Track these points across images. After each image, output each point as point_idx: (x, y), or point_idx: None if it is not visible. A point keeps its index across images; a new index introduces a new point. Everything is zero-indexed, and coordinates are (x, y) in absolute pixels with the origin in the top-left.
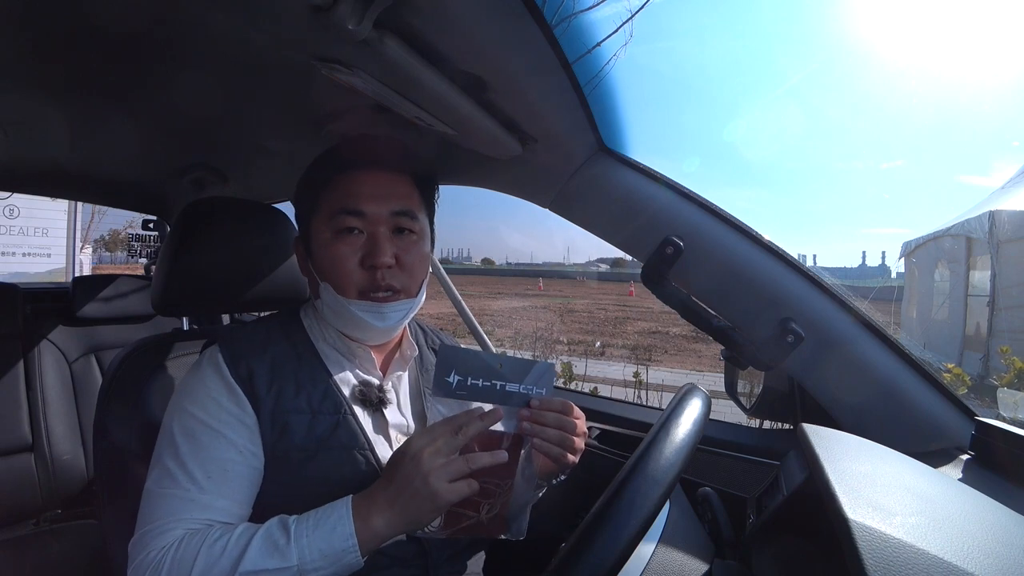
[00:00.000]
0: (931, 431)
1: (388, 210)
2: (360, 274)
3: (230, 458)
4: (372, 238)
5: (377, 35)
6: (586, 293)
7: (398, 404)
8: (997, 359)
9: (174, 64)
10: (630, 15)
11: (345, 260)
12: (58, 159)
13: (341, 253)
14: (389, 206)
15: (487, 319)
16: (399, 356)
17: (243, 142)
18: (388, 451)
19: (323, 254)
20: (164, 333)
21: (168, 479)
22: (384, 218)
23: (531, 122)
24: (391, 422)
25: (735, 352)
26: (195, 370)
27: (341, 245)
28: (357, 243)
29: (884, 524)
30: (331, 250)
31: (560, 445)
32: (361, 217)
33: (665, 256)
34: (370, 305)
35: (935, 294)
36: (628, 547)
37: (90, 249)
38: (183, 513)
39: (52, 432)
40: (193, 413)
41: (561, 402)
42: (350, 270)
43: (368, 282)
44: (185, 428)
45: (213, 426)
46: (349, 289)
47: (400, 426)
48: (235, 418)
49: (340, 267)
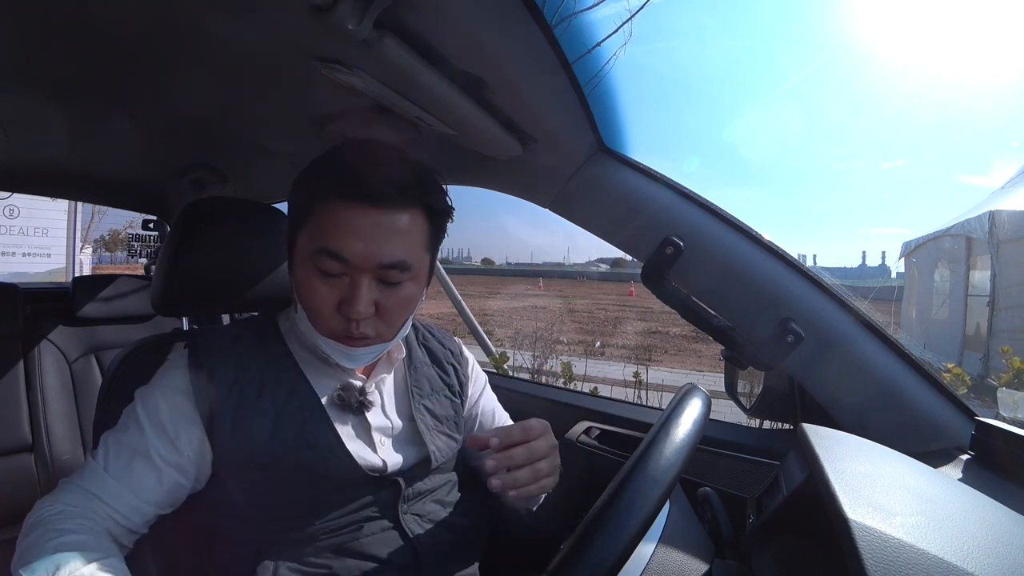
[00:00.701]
0: (931, 431)
1: (376, 263)
2: (335, 318)
3: (141, 453)
4: (353, 286)
5: (377, 35)
6: (586, 293)
7: (382, 406)
8: (997, 359)
9: (174, 64)
10: (630, 15)
11: (320, 301)
12: (58, 159)
13: (318, 293)
14: (379, 258)
15: (487, 319)
16: (385, 358)
17: (243, 142)
18: (371, 454)
19: (301, 282)
20: (164, 333)
21: (97, 449)
22: (369, 268)
23: (531, 122)
24: (374, 425)
25: (735, 352)
26: (160, 370)
27: (320, 284)
28: (336, 285)
29: (884, 524)
30: (308, 285)
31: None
32: (343, 263)
33: (665, 256)
34: (339, 345)
35: (935, 294)
36: (628, 547)
37: (90, 249)
38: (84, 480)
39: (52, 432)
40: (136, 406)
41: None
42: (325, 312)
43: (341, 328)
44: (126, 415)
45: (142, 423)
46: (321, 327)
47: (384, 428)
48: (168, 425)
49: (315, 306)
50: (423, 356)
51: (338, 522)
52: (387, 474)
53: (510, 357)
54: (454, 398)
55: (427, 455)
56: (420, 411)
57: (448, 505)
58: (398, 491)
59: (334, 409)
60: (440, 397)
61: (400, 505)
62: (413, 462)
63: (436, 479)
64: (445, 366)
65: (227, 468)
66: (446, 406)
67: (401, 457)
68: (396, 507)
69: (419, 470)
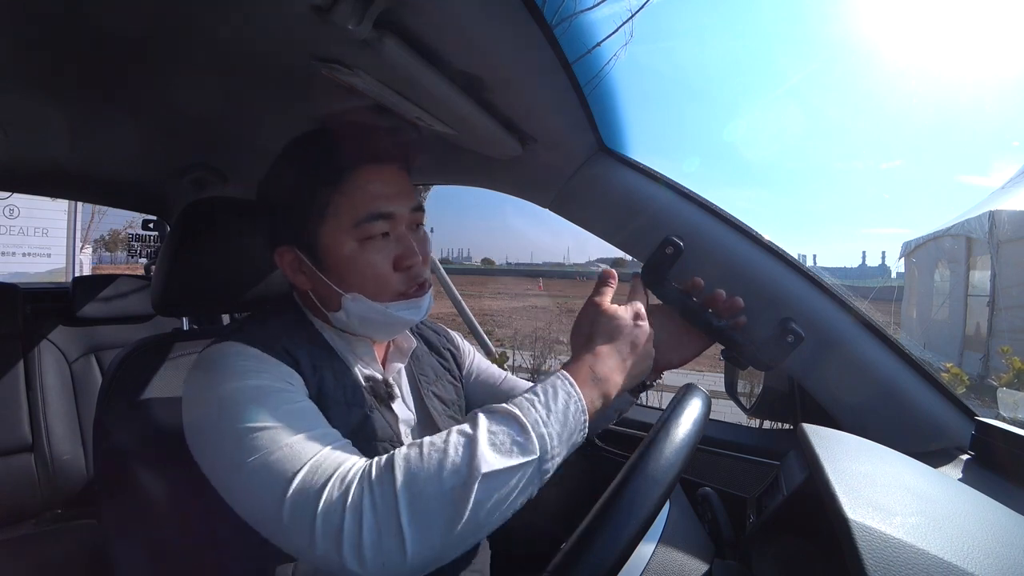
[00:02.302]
0: (931, 431)
1: (408, 207)
2: (395, 277)
3: (309, 407)
4: (401, 240)
5: (377, 35)
6: (586, 293)
7: (402, 398)
8: (997, 359)
9: (174, 64)
10: (630, 15)
11: (379, 266)
12: (58, 159)
13: (374, 261)
14: (409, 203)
15: (487, 319)
16: (395, 349)
17: (243, 142)
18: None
19: (347, 265)
20: (164, 333)
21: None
22: (406, 216)
23: (531, 122)
24: (400, 417)
25: (735, 352)
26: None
27: (373, 254)
28: (387, 247)
29: (884, 524)
30: (361, 260)
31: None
32: (391, 219)
33: (665, 256)
34: (408, 303)
35: (935, 294)
36: (628, 547)
37: (90, 249)
38: (322, 442)
39: (52, 432)
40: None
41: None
42: (386, 275)
43: (404, 283)
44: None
45: (275, 386)
46: (386, 293)
47: (407, 419)
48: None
49: (374, 274)
50: (421, 345)
51: None
52: None
53: (510, 357)
54: (455, 382)
55: None
56: (430, 398)
57: None
58: None
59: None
60: (444, 383)
61: None
62: None
63: None
64: (442, 352)
65: None
66: (450, 391)
67: None
68: None
69: None
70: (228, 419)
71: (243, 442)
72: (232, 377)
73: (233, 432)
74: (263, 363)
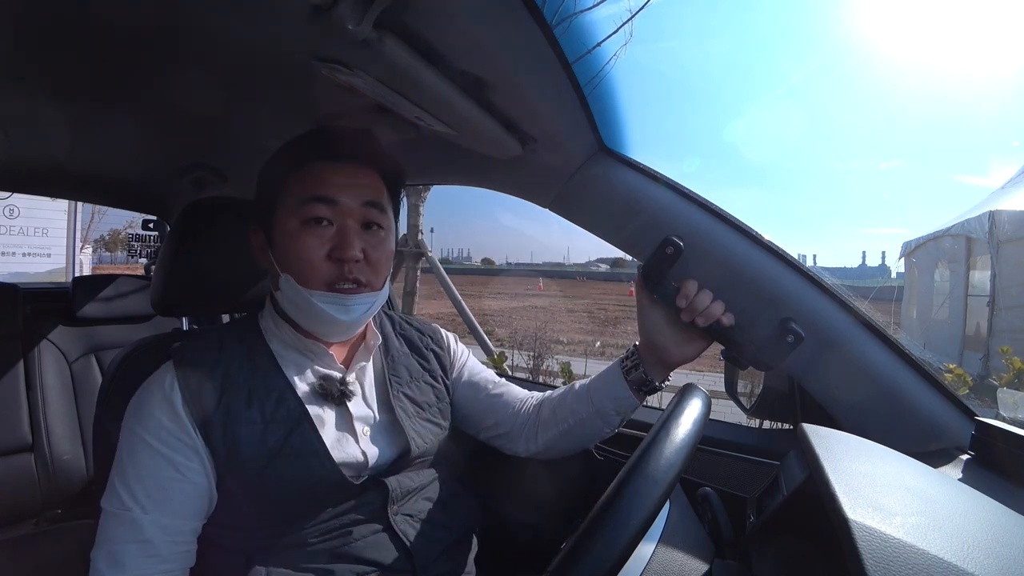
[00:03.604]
0: (931, 431)
1: (360, 201)
2: (326, 265)
3: (169, 476)
4: (341, 231)
5: (377, 35)
6: (586, 293)
7: (363, 395)
8: (997, 359)
9: (174, 64)
10: (630, 15)
11: (312, 251)
12: (58, 159)
13: (308, 244)
14: (361, 196)
15: (487, 319)
16: (363, 347)
17: (243, 142)
18: (353, 446)
19: (288, 244)
20: (164, 333)
21: (116, 499)
22: (355, 209)
23: (531, 122)
24: (355, 414)
25: (735, 352)
26: (145, 387)
27: (308, 236)
28: (325, 235)
29: (884, 524)
30: (298, 240)
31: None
32: (333, 206)
33: (665, 256)
34: (334, 297)
35: (935, 294)
36: (628, 547)
37: (90, 249)
38: (128, 535)
39: (52, 432)
40: (137, 433)
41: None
42: (317, 261)
43: (334, 274)
44: (131, 448)
45: (153, 445)
46: (314, 280)
47: (366, 418)
48: (175, 437)
49: (306, 257)
50: (400, 345)
51: (327, 526)
52: (371, 469)
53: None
54: (436, 383)
55: (407, 444)
56: (400, 399)
57: (439, 503)
58: (386, 493)
59: (316, 400)
60: (420, 384)
61: (390, 507)
62: (395, 453)
63: (424, 475)
64: (424, 352)
65: (221, 476)
66: (427, 392)
67: (383, 447)
68: (385, 509)
69: (402, 461)
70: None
71: (108, 487)
72: (134, 415)
73: (112, 471)
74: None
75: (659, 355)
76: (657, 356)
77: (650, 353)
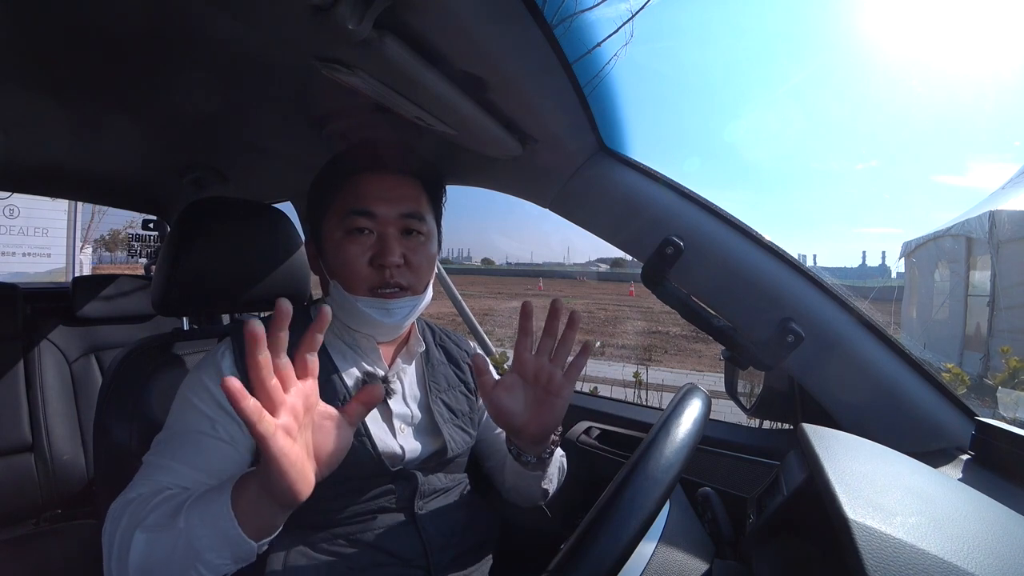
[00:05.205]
0: (931, 431)
1: (397, 212)
2: (369, 272)
3: (204, 431)
4: (382, 239)
5: (377, 35)
6: (586, 293)
7: (403, 395)
8: (997, 359)
9: (174, 64)
10: (631, 15)
11: (355, 259)
12: (58, 159)
13: (351, 253)
14: (398, 208)
15: (487, 319)
16: (406, 351)
17: (243, 142)
18: (391, 439)
19: (334, 253)
20: (164, 333)
21: (154, 449)
22: (393, 219)
23: (531, 122)
24: (395, 412)
25: (735, 352)
26: (203, 359)
27: (351, 245)
28: (367, 243)
29: (884, 524)
30: (342, 250)
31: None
32: (371, 218)
33: (665, 256)
34: (377, 301)
35: (935, 294)
36: (628, 547)
37: (90, 249)
38: (155, 476)
39: (52, 432)
40: (186, 396)
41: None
42: (360, 268)
43: (377, 280)
44: (179, 407)
45: (196, 405)
46: (358, 286)
47: (404, 416)
48: (216, 401)
49: (350, 265)
50: (440, 356)
51: (354, 510)
52: (405, 463)
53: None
54: (470, 395)
55: (443, 445)
56: (437, 404)
57: (462, 507)
58: (415, 486)
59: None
60: (456, 393)
61: (416, 501)
62: (430, 451)
63: (452, 479)
64: (461, 365)
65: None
66: (462, 402)
67: (419, 445)
68: (412, 501)
69: (435, 461)
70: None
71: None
72: (189, 382)
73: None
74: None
75: (527, 437)
76: (526, 438)
77: (518, 438)
